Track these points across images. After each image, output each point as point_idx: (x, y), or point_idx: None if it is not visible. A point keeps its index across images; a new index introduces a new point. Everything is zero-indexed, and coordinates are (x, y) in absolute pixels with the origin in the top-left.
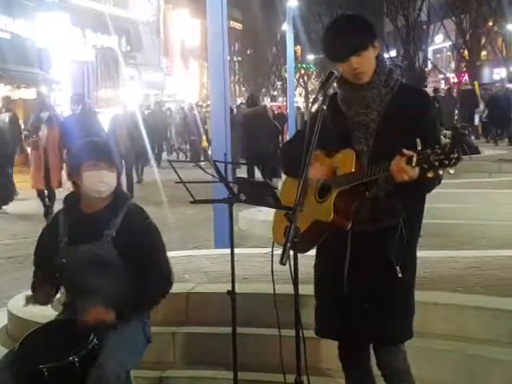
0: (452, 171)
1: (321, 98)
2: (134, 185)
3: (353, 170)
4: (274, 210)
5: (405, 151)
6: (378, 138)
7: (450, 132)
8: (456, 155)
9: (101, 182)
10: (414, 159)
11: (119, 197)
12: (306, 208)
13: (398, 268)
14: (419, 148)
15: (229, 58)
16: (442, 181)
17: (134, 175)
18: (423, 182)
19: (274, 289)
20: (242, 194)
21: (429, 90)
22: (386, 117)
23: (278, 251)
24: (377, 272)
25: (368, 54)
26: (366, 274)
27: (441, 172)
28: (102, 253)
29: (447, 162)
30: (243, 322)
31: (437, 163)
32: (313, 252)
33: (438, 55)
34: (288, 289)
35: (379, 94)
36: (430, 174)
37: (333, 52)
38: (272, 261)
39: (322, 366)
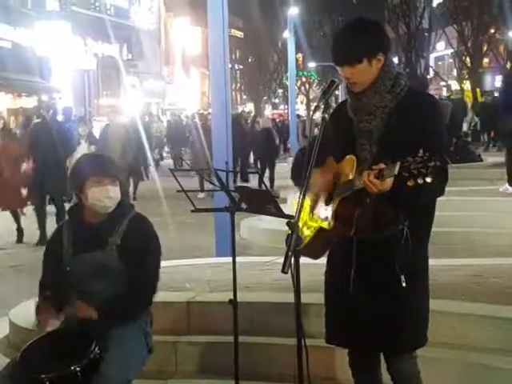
0: (429, 179)
1: (322, 107)
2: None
3: (350, 178)
4: (276, 218)
5: (374, 166)
6: (381, 146)
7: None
8: (433, 163)
9: (106, 197)
10: (385, 172)
11: (123, 206)
12: (316, 213)
13: (402, 277)
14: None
15: (230, 65)
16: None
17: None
18: (415, 190)
19: (299, 298)
20: (243, 203)
21: None
22: (389, 124)
23: (281, 259)
24: (383, 280)
25: (362, 67)
26: (372, 281)
27: (420, 181)
28: (107, 261)
29: (424, 171)
30: (245, 330)
31: (415, 172)
32: (315, 260)
33: (439, 62)
34: (291, 297)
35: (382, 100)
36: (409, 183)
37: (332, 55)
38: (283, 268)
39: (326, 375)
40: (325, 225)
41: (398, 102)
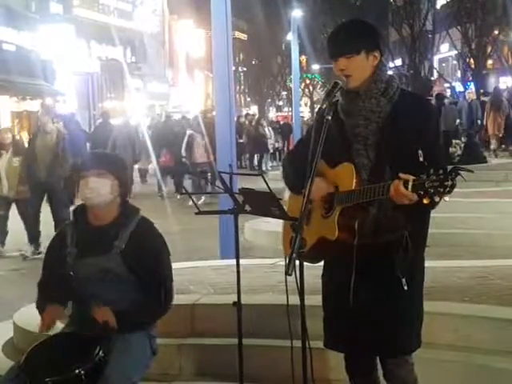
0: (447, 199)
1: (326, 109)
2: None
3: (353, 188)
4: (280, 220)
5: (402, 175)
6: (378, 151)
7: (460, 141)
8: (450, 183)
9: (87, 188)
10: (410, 184)
11: (127, 209)
12: (312, 221)
13: (403, 280)
14: (421, 159)
15: (234, 68)
16: None
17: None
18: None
19: (288, 299)
20: (247, 205)
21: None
22: (385, 128)
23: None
24: (383, 284)
25: (359, 59)
26: (372, 286)
27: (437, 199)
28: (111, 266)
29: (442, 190)
30: (249, 333)
31: (432, 190)
32: (314, 264)
33: (443, 64)
34: (295, 299)
35: (378, 104)
36: (425, 201)
37: (328, 48)
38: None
39: (330, 377)
40: (327, 234)
41: (393, 105)
